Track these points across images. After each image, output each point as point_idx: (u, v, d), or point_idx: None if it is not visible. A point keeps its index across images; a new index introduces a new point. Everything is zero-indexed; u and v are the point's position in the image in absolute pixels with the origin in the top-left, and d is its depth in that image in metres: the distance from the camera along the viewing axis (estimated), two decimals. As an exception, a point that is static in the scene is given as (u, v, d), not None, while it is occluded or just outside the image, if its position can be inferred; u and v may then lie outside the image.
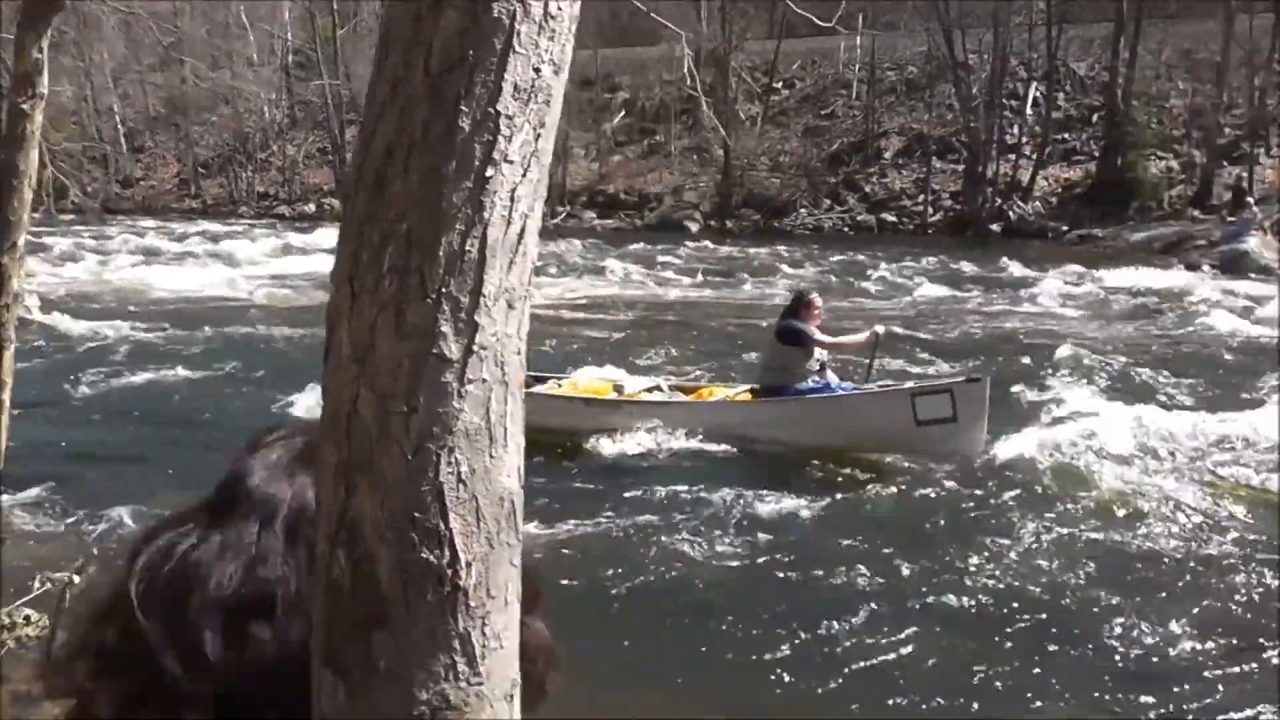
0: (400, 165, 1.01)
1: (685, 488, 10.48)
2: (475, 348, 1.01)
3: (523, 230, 1.04)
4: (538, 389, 12.86)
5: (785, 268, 31.44)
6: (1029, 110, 49.14)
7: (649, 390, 13.29)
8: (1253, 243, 31.52)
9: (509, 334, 1.04)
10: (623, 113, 56.35)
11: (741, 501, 10.24)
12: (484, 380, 1.02)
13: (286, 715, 1.15)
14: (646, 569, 8.67)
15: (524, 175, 1.02)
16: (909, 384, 12.91)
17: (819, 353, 12.35)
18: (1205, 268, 30.78)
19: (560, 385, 13.46)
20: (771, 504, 10.26)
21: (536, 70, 1.03)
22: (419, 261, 1.01)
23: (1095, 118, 48.13)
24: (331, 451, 1.07)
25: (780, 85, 55.79)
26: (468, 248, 1.00)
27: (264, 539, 1.20)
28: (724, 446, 12.02)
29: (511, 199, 1.02)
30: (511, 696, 1.11)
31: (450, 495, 1.02)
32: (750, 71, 55.67)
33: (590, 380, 13.84)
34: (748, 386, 13.18)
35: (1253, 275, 29.17)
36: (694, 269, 31.70)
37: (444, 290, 1.00)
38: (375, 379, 1.03)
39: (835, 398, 12.11)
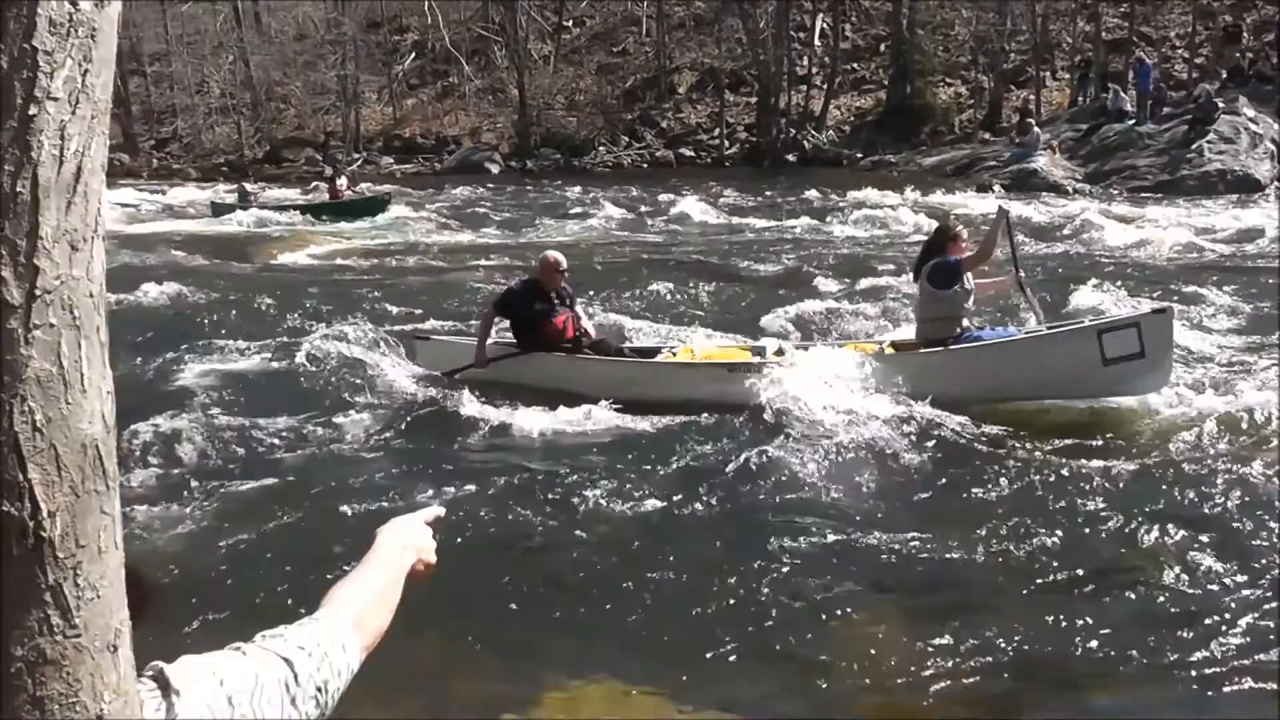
0: None
1: (853, 454, 9.27)
2: (39, 292, 0.99)
3: (79, 169, 1.01)
4: (661, 359, 11.62)
5: (609, 206, 30.87)
6: (817, 41, 49.94)
7: (778, 354, 11.37)
8: (1041, 162, 33.08)
9: (76, 277, 1.02)
10: (413, 55, 55.54)
11: (909, 464, 9.13)
12: (52, 325, 1.00)
13: None
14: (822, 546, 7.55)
15: (73, 113, 1.00)
16: (1090, 319, 11.38)
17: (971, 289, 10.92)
18: (996, 188, 31.59)
19: (675, 355, 11.84)
20: (941, 465, 9.17)
21: (74, 4, 1.00)
22: None
23: (883, 47, 49.22)
24: None
25: (570, 23, 55.67)
26: (19, 189, 0.97)
27: None
28: (891, 405, 10.34)
29: (61, 138, 0.99)
30: (115, 647, 1.09)
31: (26, 445, 1.00)
32: (539, 10, 55.43)
33: (708, 347, 12.18)
34: (890, 340, 11.71)
35: (1043, 193, 30.50)
36: (512, 215, 31.15)
37: None
38: (-57, 330, 1.00)
39: (1018, 341, 10.82)
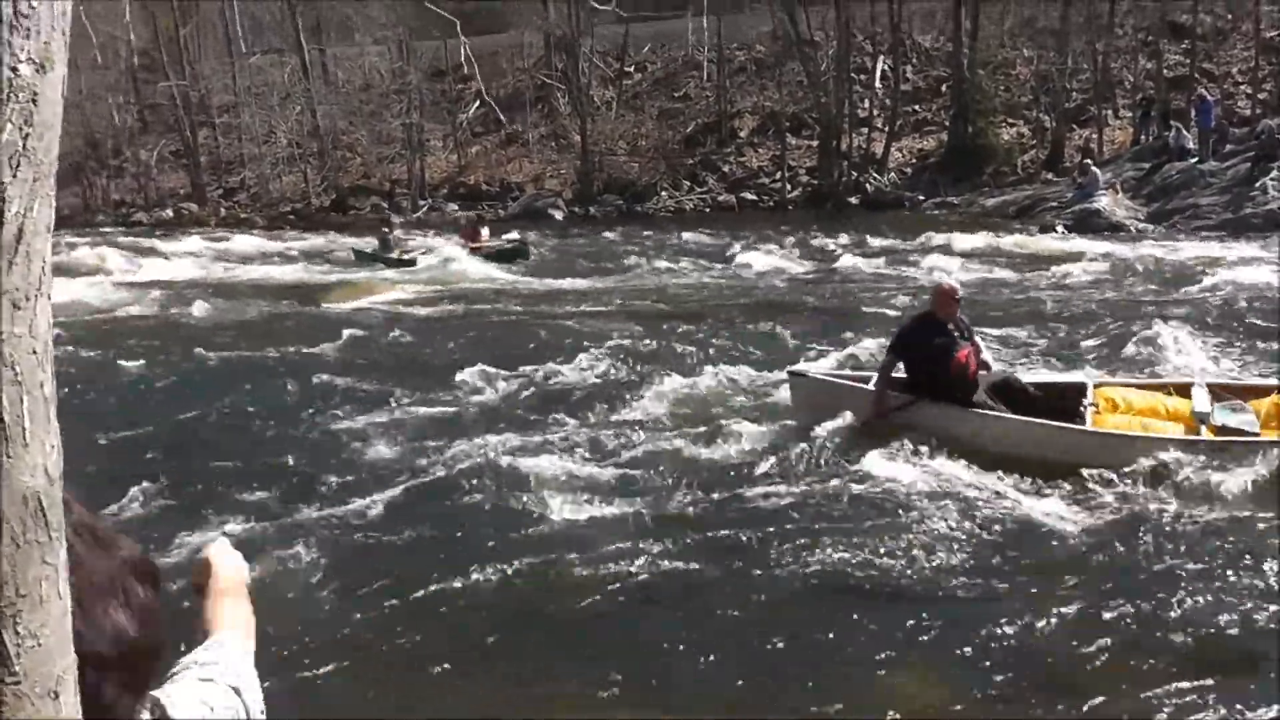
0: None
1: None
2: None
3: (20, 230, 1.06)
4: (1088, 426, 10.11)
5: (684, 249, 30.84)
6: (878, 83, 49.92)
7: (1210, 395, 10.29)
8: (1103, 201, 32.66)
9: (18, 334, 1.06)
10: (477, 103, 56.06)
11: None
12: None
13: None
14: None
15: (14, 175, 1.05)
16: None
17: None
18: (1059, 229, 31.49)
19: (1097, 410, 10.37)
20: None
21: (14, 70, 1.05)
22: None
23: (944, 88, 49.11)
24: None
25: (632, 69, 55.96)
26: None
27: None
28: None
29: (2, 200, 1.04)
30: (57, 693, 1.13)
31: None
32: (601, 56, 55.80)
33: (1125, 393, 10.71)
34: None
35: (1105, 233, 30.32)
36: (600, 260, 31.17)
37: None
38: (-111, 384, 1.06)
39: None
